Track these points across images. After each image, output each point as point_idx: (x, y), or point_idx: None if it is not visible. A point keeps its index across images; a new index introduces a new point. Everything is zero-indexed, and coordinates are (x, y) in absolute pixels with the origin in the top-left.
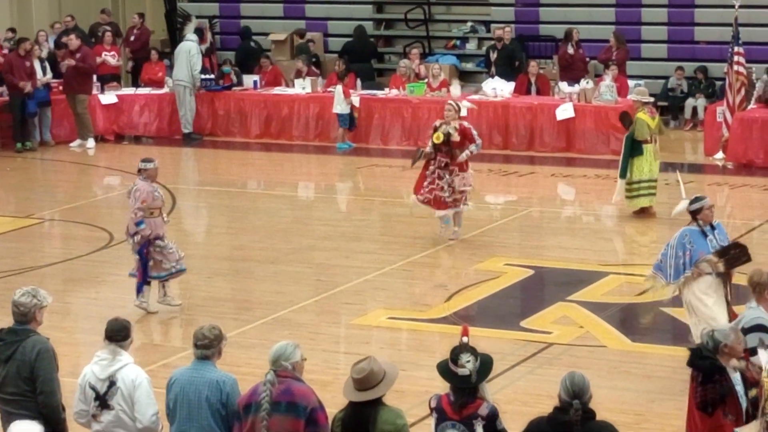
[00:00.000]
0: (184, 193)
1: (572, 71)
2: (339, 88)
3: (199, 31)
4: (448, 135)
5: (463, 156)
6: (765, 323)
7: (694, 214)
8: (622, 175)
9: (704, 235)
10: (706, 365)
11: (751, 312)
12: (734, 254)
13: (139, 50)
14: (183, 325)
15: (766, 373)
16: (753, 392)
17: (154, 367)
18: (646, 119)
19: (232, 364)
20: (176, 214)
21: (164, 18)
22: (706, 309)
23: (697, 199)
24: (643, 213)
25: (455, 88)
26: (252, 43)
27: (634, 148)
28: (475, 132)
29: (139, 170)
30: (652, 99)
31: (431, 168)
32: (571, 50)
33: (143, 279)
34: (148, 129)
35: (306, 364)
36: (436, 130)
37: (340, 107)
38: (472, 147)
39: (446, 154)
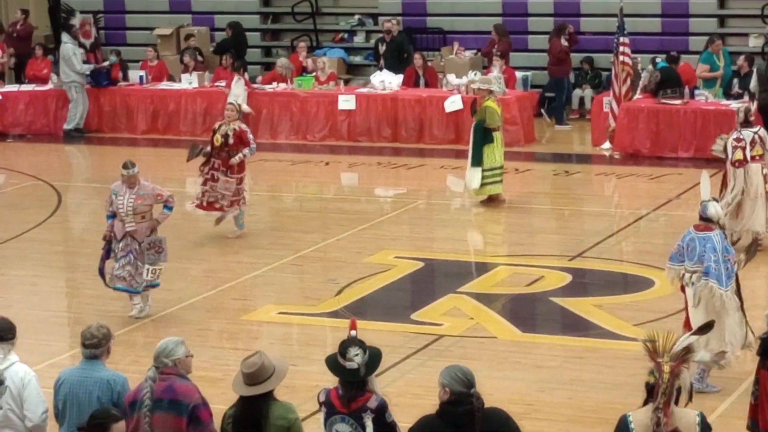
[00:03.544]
0: (71, 190)
1: (566, 65)
2: (240, 80)
3: (68, 27)
4: (226, 137)
5: (236, 159)
6: None
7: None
8: (478, 164)
9: None
10: None
11: None
12: (753, 250)
13: (23, 46)
14: (70, 324)
15: (668, 359)
16: (651, 378)
17: (41, 366)
18: (496, 107)
19: (121, 363)
20: (63, 211)
21: (48, 13)
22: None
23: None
24: (492, 201)
25: (237, 87)
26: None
27: (486, 137)
28: (251, 136)
29: None
30: (496, 87)
31: (205, 170)
32: (565, 43)
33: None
34: (34, 126)
35: (196, 361)
36: (215, 132)
37: (243, 100)
38: (246, 150)
39: (224, 157)
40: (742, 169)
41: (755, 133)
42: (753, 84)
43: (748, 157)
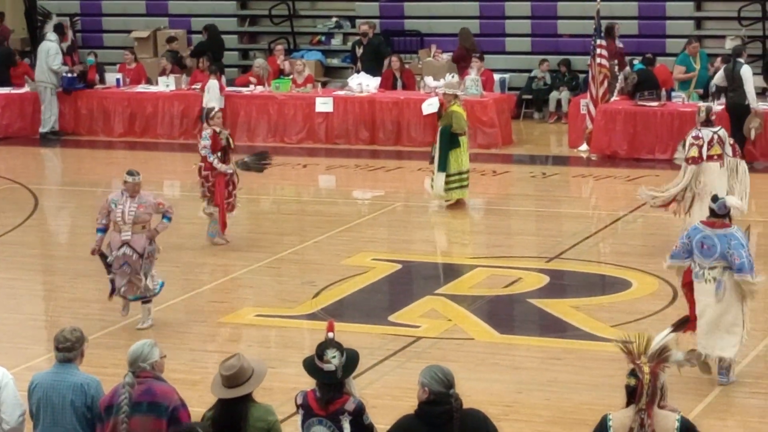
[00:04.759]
0: (47, 193)
1: (619, 65)
2: (214, 83)
3: (60, 28)
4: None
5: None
6: None
7: (729, 212)
8: (444, 169)
9: None
10: None
11: None
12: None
13: None
14: (47, 327)
15: (645, 361)
16: (632, 381)
17: (18, 369)
18: (462, 112)
19: (98, 366)
20: (40, 214)
21: (24, 16)
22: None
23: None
24: (457, 205)
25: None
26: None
27: (452, 141)
28: None
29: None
30: (462, 92)
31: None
32: (620, 45)
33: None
34: (10, 129)
35: (174, 364)
36: (227, 137)
37: (217, 102)
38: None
39: (226, 160)
40: (694, 167)
41: (715, 132)
42: (718, 77)
43: (704, 156)
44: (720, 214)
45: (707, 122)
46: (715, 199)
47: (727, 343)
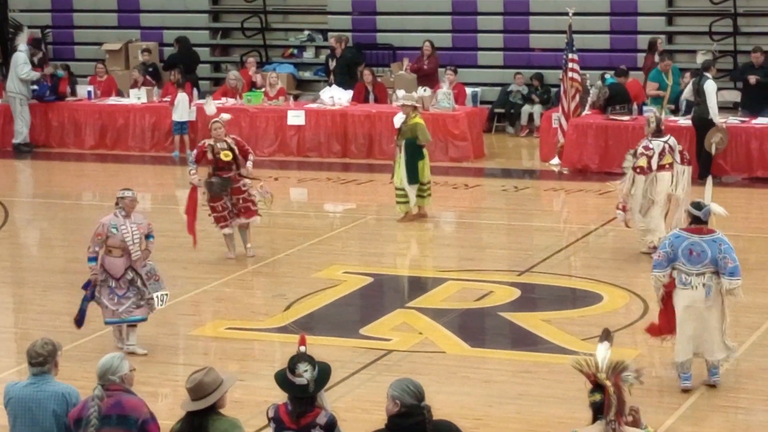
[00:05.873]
0: (17, 205)
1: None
2: (184, 96)
3: (37, 41)
4: (232, 150)
5: (251, 167)
6: None
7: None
8: (415, 181)
9: None
10: None
11: None
12: None
13: None
14: (17, 340)
15: (605, 376)
16: (596, 397)
17: None
18: (424, 123)
19: (69, 378)
20: (10, 227)
21: None
22: None
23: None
24: (419, 215)
25: (209, 107)
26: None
27: (418, 153)
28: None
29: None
30: (419, 104)
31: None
32: (657, 59)
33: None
34: None
35: (144, 376)
36: (216, 151)
37: (187, 115)
38: (252, 156)
39: (231, 170)
40: (643, 176)
41: (665, 142)
42: (687, 91)
43: (653, 166)
44: (705, 221)
45: (658, 132)
46: (698, 206)
47: (715, 346)
